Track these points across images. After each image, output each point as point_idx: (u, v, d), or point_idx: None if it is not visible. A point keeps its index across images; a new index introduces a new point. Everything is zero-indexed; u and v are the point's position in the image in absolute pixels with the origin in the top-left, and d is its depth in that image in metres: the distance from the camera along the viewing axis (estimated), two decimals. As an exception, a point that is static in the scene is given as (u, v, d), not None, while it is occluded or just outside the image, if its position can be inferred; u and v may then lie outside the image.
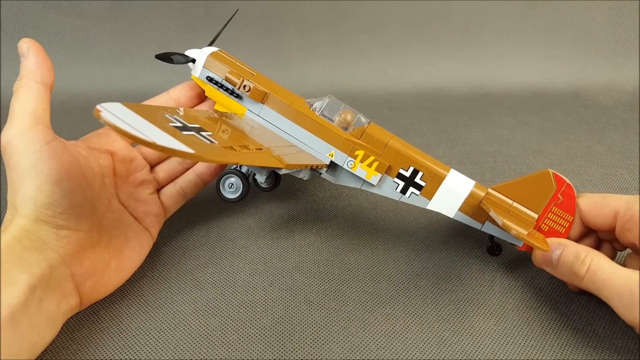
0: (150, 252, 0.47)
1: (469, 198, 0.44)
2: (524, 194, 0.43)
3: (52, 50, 0.90)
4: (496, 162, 0.67)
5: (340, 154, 0.46)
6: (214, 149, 0.32)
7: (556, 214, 0.42)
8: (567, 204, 0.42)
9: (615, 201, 0.40)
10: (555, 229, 0.43)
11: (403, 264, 0.48)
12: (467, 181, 0.45)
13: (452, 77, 0.95)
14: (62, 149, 0.37)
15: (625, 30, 0.96)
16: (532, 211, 0.43)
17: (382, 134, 0.45)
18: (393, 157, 0.45)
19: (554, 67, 0.96)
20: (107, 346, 0.39)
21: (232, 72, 0.47)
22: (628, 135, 0.75)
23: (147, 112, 0.30)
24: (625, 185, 0.62)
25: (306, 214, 0.55)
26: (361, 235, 0.52)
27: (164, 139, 0.28)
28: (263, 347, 0.39)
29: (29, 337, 0.33)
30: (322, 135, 0.46)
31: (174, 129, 0.31)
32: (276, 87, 0.48)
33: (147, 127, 0.28)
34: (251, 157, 0.36)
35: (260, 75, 0.49)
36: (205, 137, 0.33)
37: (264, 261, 0.48)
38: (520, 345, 0.40)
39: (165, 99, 0.49)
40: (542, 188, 0.42)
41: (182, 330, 0.40)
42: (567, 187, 0.42)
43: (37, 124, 0.36)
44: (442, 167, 0.45)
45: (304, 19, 0.94)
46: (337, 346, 0.39)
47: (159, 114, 0.33)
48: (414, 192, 0.45)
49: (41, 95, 0.38)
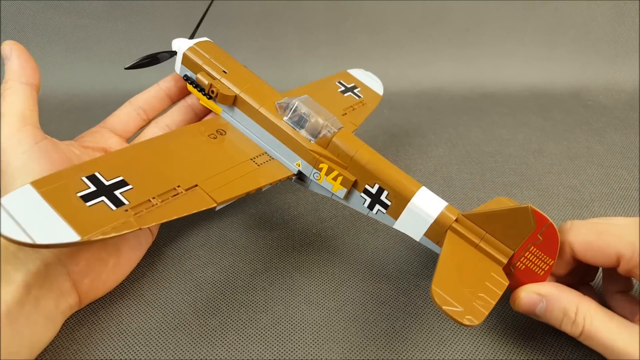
0: (150, 252, 0.47)
1: (434, 224, 0.39)
2: (499, 226, 0.37)
3: (52, 50, 0.90)
4: (496, 162, 0.67)
5: (306, 164, 0.42)
6: (112, 218, 0.31)
7: (534, 254, 0.36)
8: (548, 246, 0.36)
9: (616, 242, 0.34)
10: (533, 270, 0.37)
11: (403, 264, 0.48)
12: (436, 203, 0.39)
13: (452, 77, 0.94)
14: (52, 148, 0.37)
15: (625, 30, 0.96)
16: (506, 247, 0.37)
17: (350, 145, 0.41)
18: (359, 172, 0.41)
19: (554, 67, 0.96)
20: (107, 346, 0.39)
21: (202, 73, 0.45)
22: (628, 135, 0.75)
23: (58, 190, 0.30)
24: (625, 185, 0.62)
25: (306, 214, 0.55)
26: (361, 235, 0.52)
27: (48, 234, 0.28)
28: (263, 347, 0.39)
29: (27, 336, 0.33)
30: (288, 144, 0.42)
31: (76, 203, 0.31)
32: (250, 85, 0.45)
33: (37, 220, 0.28)
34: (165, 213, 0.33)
35: (235, 71, 0.46)
36: (116, 197, 0.32)
37: (264, 261, 0.48)
38: (520, 346, 0.40)
39: (156, 92, 0.49)
40: (519, 224, 0.36)
41: (182, 330, 0.40)
42: (548, 227, 0.35)
43: (25, 124, 0.36)
44: (410, 186, 0.40)
45: (304, 19, 0.94)
46: (337, 346, 0.39)
47: (74, 182, 0.32)
48: (380, 209, 0.41)
49: (27, 96, 0.38)
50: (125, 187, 0.33)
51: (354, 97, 0.57)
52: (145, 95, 0.49)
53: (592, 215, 0.56)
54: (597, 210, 0.57)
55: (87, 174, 0.33)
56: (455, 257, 0.37)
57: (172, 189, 0.35)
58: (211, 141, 0.43)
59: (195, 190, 0.36)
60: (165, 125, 0.48)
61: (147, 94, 0.49)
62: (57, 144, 0.38)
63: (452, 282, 0.34)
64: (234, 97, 0.44)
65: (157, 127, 0.48)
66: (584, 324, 0.34)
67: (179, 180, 0.36)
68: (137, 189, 0.34)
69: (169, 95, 0.50)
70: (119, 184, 0.34)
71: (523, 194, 0.60)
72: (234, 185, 0.38)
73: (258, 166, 0.42)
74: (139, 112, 0.48)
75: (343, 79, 0.59)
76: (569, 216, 0.56)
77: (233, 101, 0.44)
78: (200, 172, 0.38)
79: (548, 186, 0.62)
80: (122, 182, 0.34)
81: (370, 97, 0.58)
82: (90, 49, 0.88)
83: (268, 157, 0.44)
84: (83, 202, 0.31)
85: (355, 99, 0.57)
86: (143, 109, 0.48)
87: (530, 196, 0.60)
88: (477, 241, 0.38)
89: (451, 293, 0.33)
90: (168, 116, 0.49)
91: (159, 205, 0.33)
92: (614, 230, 0.35)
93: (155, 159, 0.38)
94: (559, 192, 0.61)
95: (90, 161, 0.35)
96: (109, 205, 0.32)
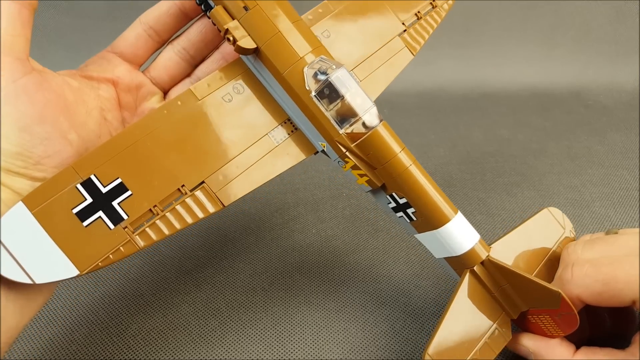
0: (149, 252, 0.47)
1: (457, 258, 0.36)
2: (523, 287, 0.35)
3: (52, 50, 0.90)
4: (496, 162, 0.67)
5: (332, 150, 0.36)
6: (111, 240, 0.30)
7: (549, 322, 0.35)
8: (565, 324, 0.34)
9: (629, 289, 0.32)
10: (542, 329, 0.36)
11: (403, 264, 0.48)
12: (466, 238, 0.35)
13: (452, 77, 0.94)
14: (35, 85, 0.31)
15: (625, 30, 0.96)
16: (523, 303, 0.35)
17: (384, 150, 0.34)
18: (388, 180, 0.35)
19: (554, 67, 0.95)
20: (107, 346, 0.39)
21: (218, 10, 0.34)
22: (628, 135, 0.75)
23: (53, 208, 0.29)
24: (626, 185, 0.62)
25: (306, 214, 0.55)
26: (361, 236, 0.52)
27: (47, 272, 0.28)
28: (263, 347, 0.39)
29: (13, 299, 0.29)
30: (314, 123, 0.35)
31: (72, 224, 0.29)
32: (277, 34, 0.33)
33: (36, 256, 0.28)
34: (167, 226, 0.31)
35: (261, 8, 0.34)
36: (115, 211, 0.30)
37: (264, 262, 0.48)
38: (520, 346, 0.40)
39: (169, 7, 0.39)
40: (544, 299, 0.34)
41: (182, 330, 0.40)
42: (571, 315, 0.33)
43: (3, 56, 0.29)
44: (443, 212, 0.35)
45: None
46: (337, 347, 0.39)
47: (68, 193, 0.30)
48: (404, 217, 0.37)
49: (13, 17, 0.30)
50: (124, 195, 0.31)
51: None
52: (156, 12, 0.39)
53: (593, 215, 0.56)
54: (598, 210, 0.57)
55: (82, 179, 0.30)
56: (465, 305, 0.35)
57: (175, 191, 0.32)
58: (224, 107, 0.35)
59: (201, 190, 0.33)
60: (182, 48, 0.40)
61: (157, 10, 0.39)
62: (46, 79, 0.32)
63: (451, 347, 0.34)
64: (254, 49, 0.34)
65: (173, 51, 0.40)
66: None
67: (183, 177, 0.32)
68: (137, 194, 0.31)
69: (183, 12, 0.39)
70: (116, 189, 0.31)
71: (524, 194, 0.60)
72: (246, 178, 0.34)
73: (277, 144, 0.35)
74: (150, 33, 0.39)
75: None
76: (570, 216, 0.56)
77: (254, 52, 0.35)
78: (209, 160, 0.33)
79: (548, 186, 0.62)
80: (121, 187, 0.31)
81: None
82: (90, 49, 0.87)
83: (292, 127, 0.36)
84: (79, 222, 0.29)
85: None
86: (154, 29, 0.39)
87: (530, 196, 0.60)
88: (494, 290, 0.36)
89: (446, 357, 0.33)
90: (184, 37, 0.40)
91: (160, 215, 0.31)
92: (621, 276, 0.32)
93: (157, 146, 0.33)
94: (560, 192, 0.60)
95: (85, 157, 0.31)
96: (106, 223, 0.30)
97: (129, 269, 0.46)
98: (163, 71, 0.40)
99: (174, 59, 0.40)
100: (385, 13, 0.41)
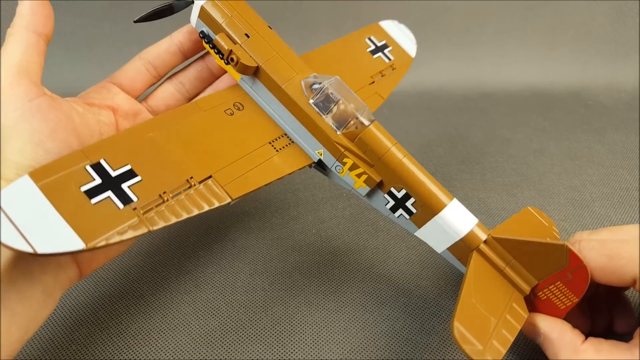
0: (149, 252, 0.47)
1: (460, 242, 0.37)
2: (528, 255, 0.35)
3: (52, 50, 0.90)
4: (497, 162, 0.67)
5: (329, 155, 0.39)
6: (120, 220, 0.29)
7: (560, 290, 0.35)
8: (576, 285, 0.35)
9: (630, 265, 0.33)
10: (554, 303, 0.36)
11: (403, 264, 0.48)
12: (466, 220, 0.37)
13: (452, 77, 0.94)
14: (48, 106, 0.34)
15: (625, 30, 0.96)
16: (531, 276, 0.36)
17: (380, 143, 0.37)
18: (387, 173, 0.38)
19: (554, 67, 0.95)
20: (107, 346, 0.39)
21: (222, 36, 0.39)
22: (628, 135, 0.75)
23: (60, 184, 0.28)
24: (626, 185, 0.62)
25: (306, 214, 0.55)
26: (361, 236, 0.52)
27: (51, 242, 0.26)
28: (263, 347, 0.39)
29: (20, 313, 0.30)
30: (311, 130, 0.39)
31: (80, 200, 0.28)
32: (276, 55, 0.39)
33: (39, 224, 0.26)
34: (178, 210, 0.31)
35: (260, 35, 0.40)
36: (125, 193, 0.30)
37: (264, 261, 0.48)
38: (520, 346, 0.40)
39: (168, 45, 0.44)
40: (551, 259, 0.35)
41: (182, 330, 0.40)
42: (581, 268, 0.34)
43: (21, 78, 0.33)
44: (440, 198, 0.37)
45: (304, 19, 0.94)
46: (337, 347, 0.39)
47: (77, 172, 0.29)
48: (403, 214, 0.39)
49: (31, 46, 0.34)
50: (133, 180, 0.31)
51: (384, 59, 0.51)
52: (156, 50, 0.44)
53: (593, 215, 0.56)
54: (598, 210, 0.57)
55: (92, 162, 0.30)
56: (479, 285, 0.35)
57: (184, 182, 0.32)
58: (227, 118, 0.39)
59: (209, 183, 0.33)
60: (179, 82, 0.45)
61: (158, 48, 0.44)
62: (57, 102, 0.34)
63: (474, 317, 0.33)
64: (255, 68, 0.39)
65: (171, 85, 0.45)
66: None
67: (192, 170, 0.33)
68: (147, 181, 0.31)
69: (181, 51, 0.44)
70: (126, 174, 0.31)
71: (524, 194, 0.60)
72: (251, 177, 0.36)
73: (277, 152, 0.38)
74: (149, 68, 0.44)
75: (374, 35, 0.52)
76: (570, 216, 0.56)
77: (254, 72, 0.39)
78: (215, 159, 0.35)
79: (548, 186, 0.62)
80: (130, 173, 0.31)
81: (401, 59, 0.52)
82: (90, 49, 0.88)
83: (288, 140, 0.40)
84: (87, 199, 0.28)
85: (385, 62, 0.51)
86: (153, 65, 0.44)
87: (530, 196, 0.60)
88: (503, 266, 0.36)
89: (472, 329, 0.32)
90: (182, 73, 0.45)
91: (170, 202, 0.31)
92: (625, 253, 0.33)
93: (166, 142, 0.35)
94: (560, 192, 0.60)
95: (95, 145, 0.32)
96: (115, 203, 0.29)
97: (129, 269, 0.46)
98: (160, 101, 0.44)
99: (170, 90, 0.45)
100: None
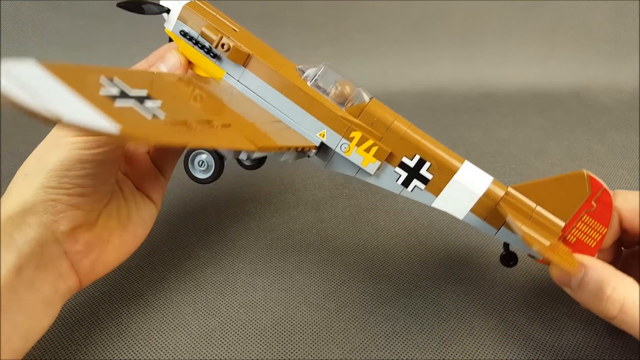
0: (149, 252, 0.47)
1: (483, 197, 0.36)
2: (550, 197, 0.35)
3: (52, 50, 0.90)
4: (497, 162, 0.67)
5: (334, 134, 0.38)
6: (153, 126, 0.25)
7: (587, 224, 0.35)
8: (602, 213, 0.34)
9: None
10: (584, 242, 0.36)
11: (403, 264, 0.48)
12: (483, 177, 0.37)
13: (452, 77, 0.94)
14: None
15: (625, 30, 0.96)
16: (558, 218, 0.35)
17: (385, 114, 0.37)
18: (396, 143, 0.37)
19: (554, 67, 0.96)
20: (107, 346, 0.39)
21: (209, 27, 0.39)
22: (628, 135, 0.75)
23: (73, 74, 0.23)
24: (626, 185, 0.62)
25: (306, 214, 0.55)
26: (361, 236, 0.52)
27: (78, 112, 0.20)
28: (263, 347, 0.39)
29: (21, 322, 0.30)
30: (313, 111, 0.38)
31: (104, 98, 0.24)
32: (263, 48, 0.40)
33: (60, 96, 0.21)
34: (208, 137, 0.28)
35: (245, 32, 0.41)
36: (148, 108, 0.26)
37: (264, 261, 0.48)
38: (520, 346, 0.40)
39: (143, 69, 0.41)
40: (573, 192, 0.34)
41: (182, 330, 0.40)
42: (603, 192, 0.34)
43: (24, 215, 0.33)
44: (454, 158, 0.37)
45: (304, 19, 0.94)
46: (337, 347, 0.39)
47: (90, 77, 0.25)
48: (418, 185, 0.38)
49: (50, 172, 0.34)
50: (154, 102, 0.27)
51: None
52: None
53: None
54: (598, 210, 0.57)
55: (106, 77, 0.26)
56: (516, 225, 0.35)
57: (207, 120, 0.30)
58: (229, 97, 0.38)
59: (231, 129, 0.31)
60: None
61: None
62: None
63: None
64: (247, 55, 0.39)
65: None
66: (624, 302, 0.31)
67: (210, 115, 0.31)
68: (168, 106, 0.27)
69: None
70: (145, 97, 0.27)
71: (523, 194, 0.60)
72: (266, 137, 0.34)
73: (279, 130, 0.38)
74: None
75: None
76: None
77: (244, 61, 0.39)
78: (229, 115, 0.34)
79: (548, 186, 0.61)
80: (149, 97, 0.27)
81: None
82: (90, 49, 0.88)
83: (284, 126, 0.39)
84: (110, 101, 0.24)
85: None
86: None
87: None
88: (530, 211, 0.36)
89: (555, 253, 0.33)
90: None
91: (198, 129, 0.28)
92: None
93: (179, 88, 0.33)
94: (560, 192, 0.60)
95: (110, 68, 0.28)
96: (141, 112, 0.25)
97: (129, 269, 0.46)
98: None
99: None
100: None
